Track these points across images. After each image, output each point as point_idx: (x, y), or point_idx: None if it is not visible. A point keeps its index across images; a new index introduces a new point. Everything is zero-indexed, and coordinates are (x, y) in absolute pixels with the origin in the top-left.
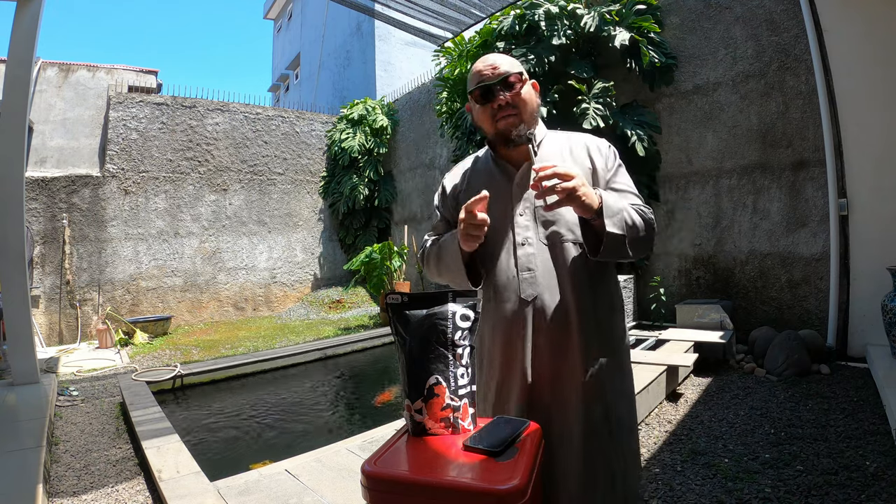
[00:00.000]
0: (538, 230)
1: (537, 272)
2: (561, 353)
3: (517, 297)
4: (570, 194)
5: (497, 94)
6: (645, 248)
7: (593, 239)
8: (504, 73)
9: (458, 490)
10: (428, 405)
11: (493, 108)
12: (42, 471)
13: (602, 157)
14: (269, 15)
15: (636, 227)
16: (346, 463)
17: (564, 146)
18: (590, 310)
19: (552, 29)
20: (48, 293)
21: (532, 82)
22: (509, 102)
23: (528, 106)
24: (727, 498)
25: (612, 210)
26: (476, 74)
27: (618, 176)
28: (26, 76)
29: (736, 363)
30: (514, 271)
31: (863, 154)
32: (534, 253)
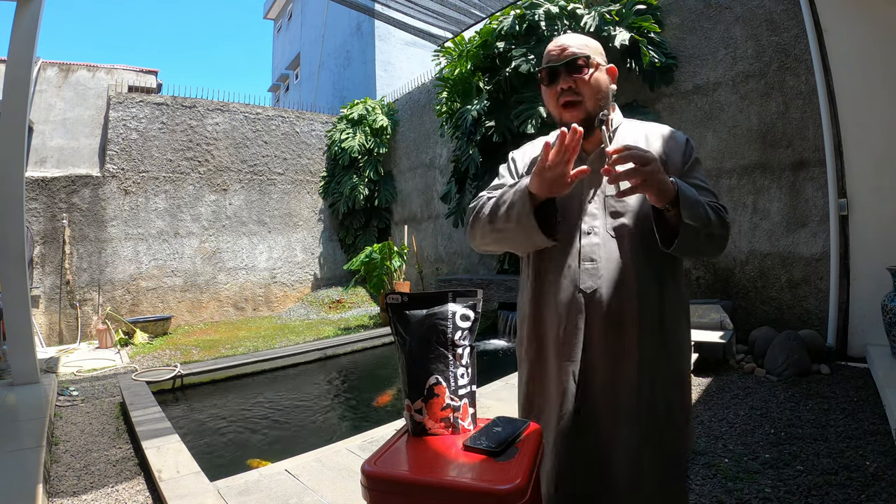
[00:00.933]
0: (606, 220)
1: (600, 263)
2: (616, 353)
3: (574, 288)
4: (645, 180)
5: (561, 77)
6: (718, 248)
7: (666, 231)
8: (570, 56)
9: (458, 490)
10: (428, 405)
11: (556, 91)
12: (42, 471)
13: (679, 150)
14: (269, 15)
15: (712, 223)
16: (346, 463)
17: (640, 134)
18: (654, 311)
19: (552, 29)
20: (48, 293)
21: (609, 66)
22: (573, 87)
23: (597, 92)
24: (727, 498)
25: (689, 200)
26: (545, 54)
27: (694, 171)
28: (26, 76)
29: (736, 363)
30: (576, 260)
31: (863, 154)
32: (599, 243)
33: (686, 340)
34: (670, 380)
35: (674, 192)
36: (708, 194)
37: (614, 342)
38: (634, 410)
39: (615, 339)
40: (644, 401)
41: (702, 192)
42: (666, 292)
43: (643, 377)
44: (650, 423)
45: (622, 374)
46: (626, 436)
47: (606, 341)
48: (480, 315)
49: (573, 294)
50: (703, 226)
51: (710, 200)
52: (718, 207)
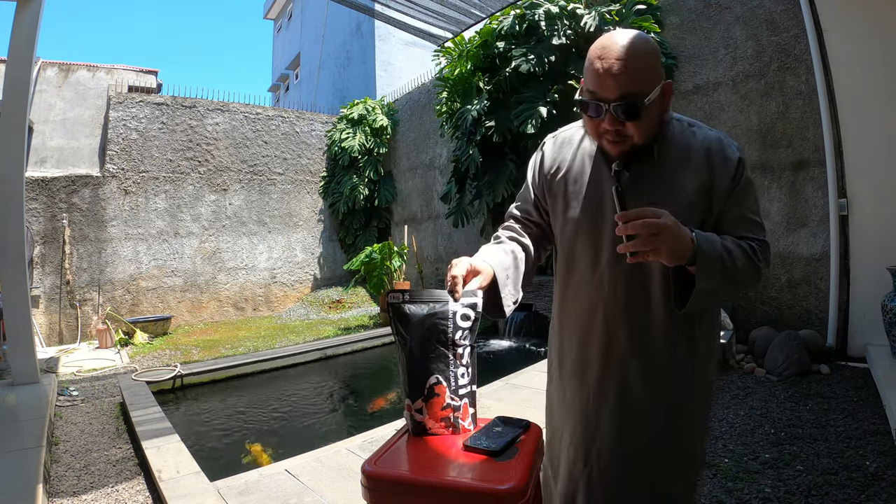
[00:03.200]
0: None
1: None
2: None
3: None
4: (657, 248)
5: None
6: (742, 290)
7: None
8: (625, 95)
9: (458, 490)
10: (428, 405)
11: (600, 128)
12: (42, 471)
13: (728, 171)
14: (269, 15)
15: (735, 273)
16: (346, 463)
17: (683, 150)
18: (681, 331)
19: (552, 29)
20: (48, 293)
21: (666, 83)
22: (620, 130)
23: (650, 128)
24: (727, 498)
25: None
26: (591, 73)
27: (742, 198)
28: (26, 76)
29: (736, 363)
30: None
31: (863, 154)
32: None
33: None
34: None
35: (692, 251)
36: (754, 228)
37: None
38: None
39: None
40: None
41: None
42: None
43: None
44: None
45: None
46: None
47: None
48: (481, 315)
49: (600, 310)
50: (724, 281)
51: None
52: (753, 249)
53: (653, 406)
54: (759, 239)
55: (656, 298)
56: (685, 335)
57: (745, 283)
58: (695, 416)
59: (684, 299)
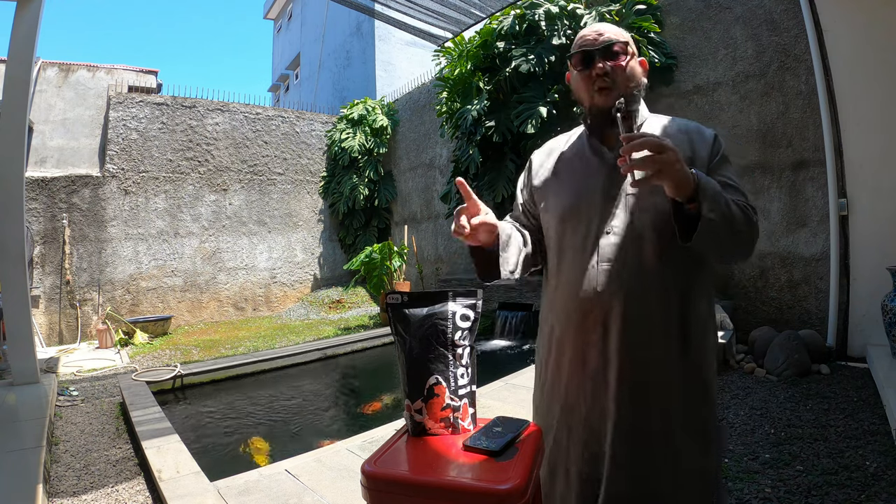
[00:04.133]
0: (626, 218)
1: (618, 264)
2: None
3: (592, 290)
4: (661, 169)
5: (596, 62)
6: (743, 247)
7: (685, 226)
8: (608, 41)
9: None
10: (428, 405)
11: (591, 76)
12: (42, 471)
13: (706, 146)
14: (269, 15)
15: (733, 220)
16: (346, 463)
17: (663, 132)
18: (675, 315)
19: (552, 29)
20: (48, 293)
21: (641, 59)
22: (608, 73)
23: (630, 81)
24: (727, 498)
25: (709, 193)
26: (579, 39)
27: (721, 168)
28: (26, 76)
29: (736, 363)
30: (594, 261)
31: (863, 154)
32: (617, 243)
33: (710, 351)
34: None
35: (693, 185)
36: (736, 193)
37: (632, 344)
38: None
39: (633, 340)
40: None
41: (729, 189)
42: (690, 298)
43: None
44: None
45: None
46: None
47: (623, 343)
48: (480, 315)
49: (590, 295)
50: (726, 222)
51: (738, 199)
52: (746, 206)
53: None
54: (745, 200)
55: (649, 263)
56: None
57: (743, 234)
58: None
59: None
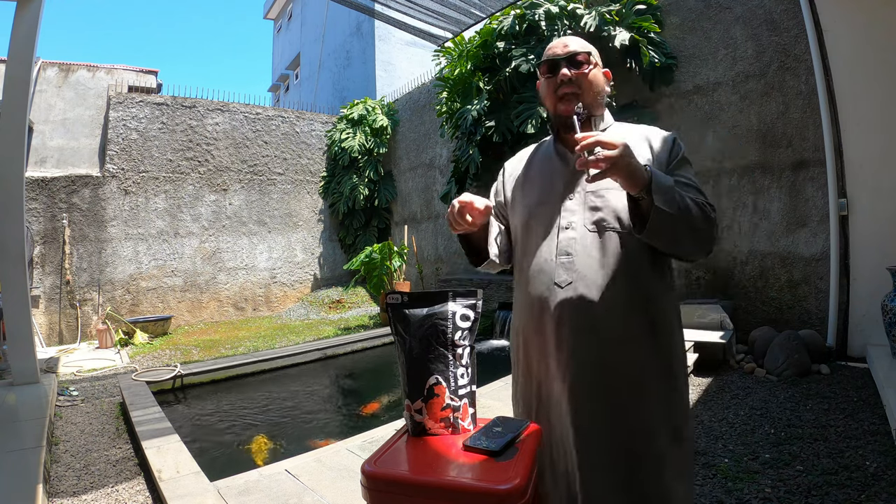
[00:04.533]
0: (585, 215)
1: (576, 258)
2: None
3: (550, 281)
4: (613, 163)
5: (561, 69)
6: (700, 242)
7: (640, 218)
8: (573, 51)
9: (458, 490)
10: (428, 405)
11: (557, 82)
12: (42, 471)
13: (665, 148)
14: (269, 15)
15: (689, 213)
16: (346, 463)
17: (627, 136)
18: (630, 305)
19: (552, 29)
20: (48, 293)
21: (605, 70)
22: (572, 80)
23: (593, 88)
24: (727, 498)
25: (661, 186)
26: (547, 50)
27: (680, 168)
28: (26, 76)
29: (736, 363)
30: (553, 255)
31: (863, 154)
32: (575, 238)
33: (675, 340)
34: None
35: (647, 180)
36: (694, 191)
37: (589, 335)
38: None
39: (586, 333)
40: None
41: (687, 188)
42: (647, 288)
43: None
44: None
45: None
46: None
47: (576, 335)
48: (480, 315)
49: (549, 287)
50: (680, 214)
51: (695, 196)
52: (703, 204)
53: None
54: (704, 198)
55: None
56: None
57: (700, 230)
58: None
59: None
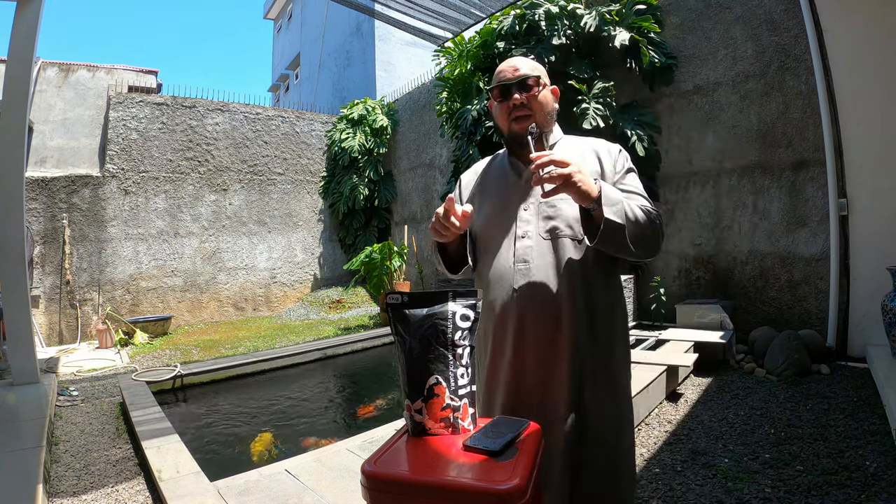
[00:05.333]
0: (539, 224)
1: (532, 264)
2: (548, 346)
3: (510, 287)
4: (566, 180)
5: (513, 94)
6: (648, 246)
7: (592, 229)
8: (523, 76)
9: (458, 490)
10: (428, 405)
11: (509, 106)
12: (42, 471)
13: (611, 160)
14: (269, 15)
15: (637, 221)
16: (346, 463)
17: (577, 149)
18: (583, 306)
19: (552, 29)
20: (48, 293)
21: (552, 88)
22: (524, 103)
23: (543, 109)
24: (727, 498)
25: (610, 199)
26: (497, 74)
27: (626, 178)
28: (26, 76)
29: (736, 363)
30: (511, 262)
31: (863, 154)
32: (531, 245)
33: (622, 332)
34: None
35: (597, 193)
36: (639, 199)
37: (546, 337)
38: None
39: (546, 334)
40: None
41: (633, 196)
42: (596, 288)
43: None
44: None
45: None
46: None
47: (538, 336)
48: (480, 315)
49: (508, 293)
50: (629, 224)
51: (641, 204)
52: (648, 210)
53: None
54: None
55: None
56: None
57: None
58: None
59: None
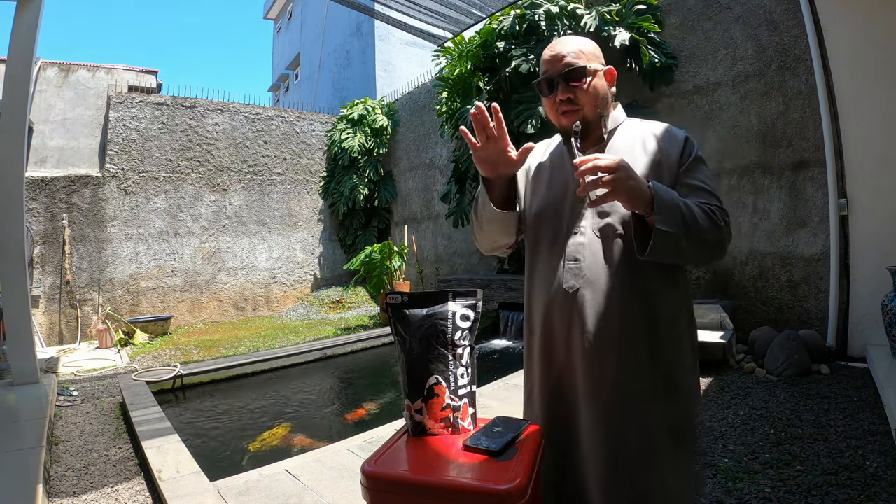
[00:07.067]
0: (593, 220)
1: (584, 263)
2: (594, 352)
3: (559, 287)
4: (614, 186)
5: (558, 89)
6: (709, 252)
7: (644, 235)
8: (567, 67)
9: (458, 490)
10: (428, 405)
11: (555, 101)
12: (42, 471)
13: (676, 148)
14: (269, 15)
15: (696, 226)
16: (346, 463)
17: (637, 135)
18: (637, 310)
19: (552, 29)
20: (48, 293)
21: (607, 69)
22: (571, 98)
23: (594, 101)
24: (727, 498)
25: (664, 205)
26: (542, 63)
27: (693, 170)
28: (26, 76)
29: (736, 363)
30: (562, 259)
31: (863, 154)
32: (584, 243)
33: (688, 344)
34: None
35: (649, 197)
36: (706, 195)
37: (593, 342)
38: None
39: (593, 338)
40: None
41: (699, 193)
42: (656, 294)
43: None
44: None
45: (602, 376)
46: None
47: (584, 341)
48: (480, 315)
49: (557, 292)
50: (685, 230)
51: (704, 202)
52: (713, 211)
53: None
54: (715, 204)
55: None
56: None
57: (708, 240)
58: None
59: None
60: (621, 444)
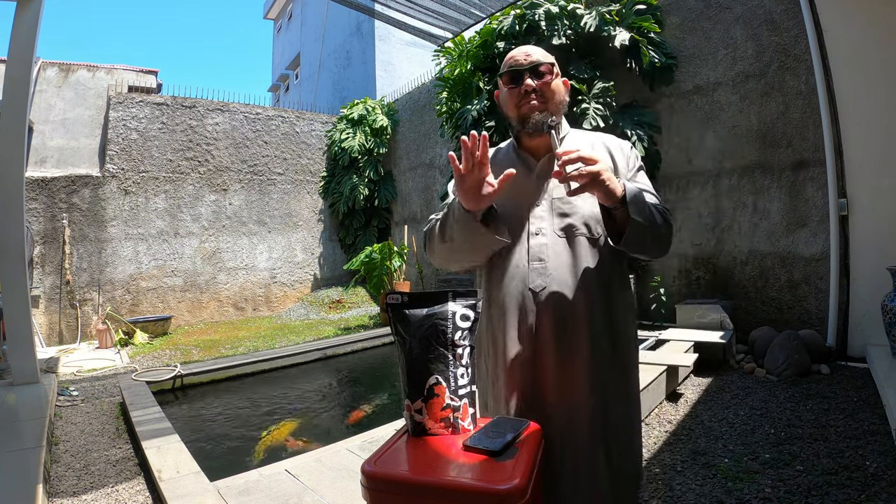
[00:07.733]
0: (553, 221)
1: (548, 263)
2: (566, 348)
3: (524, 287)
4: (593, 179)
5: (525, 79)
6: (663, 247)
7: (614, 228)
8: (535, 62)
9: (458, 490)
10: (428, 405)
11: (520, 92)
12: (42, 471)
13: (623, 157)
14: (269, 15)
15: (657, 222)
16: (346, 463)
17: (586, 143)
18: (601, 306)
19: (552, 29)
20: (48, 293)
21: (563, 79)
22: (536, 90)
23: (555, 97)
24: (727, 498)
25: (636, 199)
26: (508, 59)
27: (637, 176)
28: (26, 76)
29: (736, 363)
30: (525, 260)
31: (863, 154)
32: (546, 243)
33: (634, 334)
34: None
35: (622, 192)
36: (652, 197)
37: (564, 339)
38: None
39: (565, 335)
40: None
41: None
42: (613, 291)
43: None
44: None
45: (574, 370)
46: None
47: (556, 338)
48: (480, 315)
49: (523, 292)
50: (650, 223)
51: (655, 202)
52: (663, 209)
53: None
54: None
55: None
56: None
57: (663, 234)
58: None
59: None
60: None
